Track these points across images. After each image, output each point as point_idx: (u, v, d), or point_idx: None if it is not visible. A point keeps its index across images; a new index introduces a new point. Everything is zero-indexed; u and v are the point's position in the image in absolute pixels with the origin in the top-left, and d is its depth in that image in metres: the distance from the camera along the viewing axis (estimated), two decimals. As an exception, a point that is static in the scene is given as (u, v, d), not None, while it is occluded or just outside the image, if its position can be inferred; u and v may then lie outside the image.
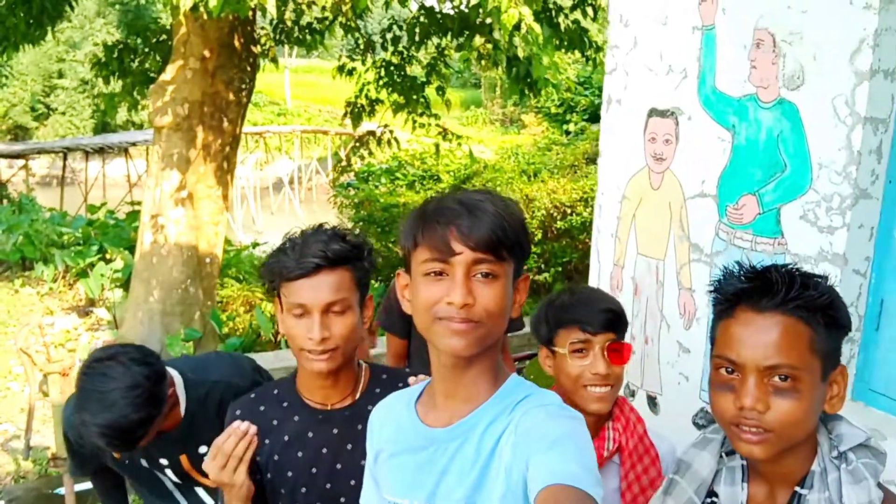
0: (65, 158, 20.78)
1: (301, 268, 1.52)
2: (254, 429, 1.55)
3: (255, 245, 11.43)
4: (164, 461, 2.09)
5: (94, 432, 1.73)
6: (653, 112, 2.74)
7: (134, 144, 20.17)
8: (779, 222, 2.27)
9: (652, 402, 2.80)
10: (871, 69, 2.01)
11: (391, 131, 8.60)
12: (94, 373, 1.78)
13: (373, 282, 9.11)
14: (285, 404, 1.65)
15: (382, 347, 5.11)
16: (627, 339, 1.82)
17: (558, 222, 8.83)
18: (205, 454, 2.00)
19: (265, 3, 5.05)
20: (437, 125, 8.41)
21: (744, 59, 2.35)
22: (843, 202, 2.09)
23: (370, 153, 9.11)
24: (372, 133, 8.64)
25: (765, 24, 2.27)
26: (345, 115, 8.72)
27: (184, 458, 2.06)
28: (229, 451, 1.52)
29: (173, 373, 1.99)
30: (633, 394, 2.87)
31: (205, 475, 1.64)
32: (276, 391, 1.69)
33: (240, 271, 9.14)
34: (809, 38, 2.15)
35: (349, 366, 1.64)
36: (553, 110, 20.03)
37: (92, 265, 9.07)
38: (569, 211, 8.98)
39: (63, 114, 30.92)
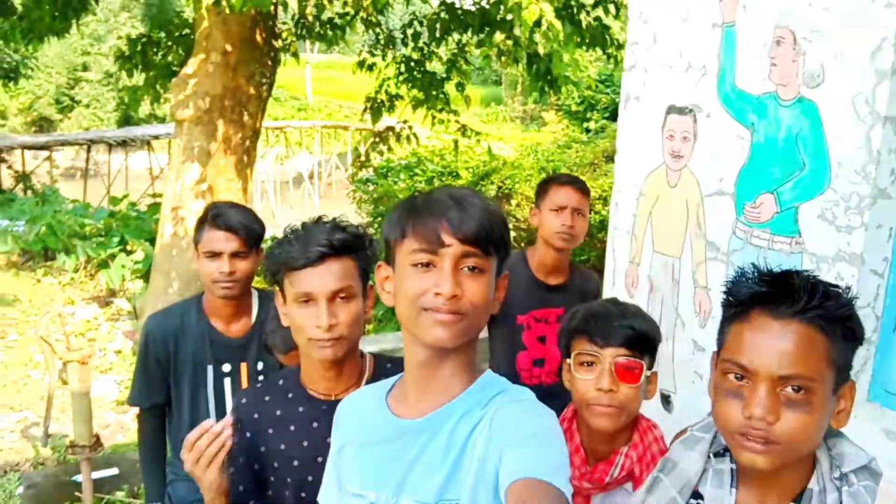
0: (88, 151, 21.00)
1: (307, 257, 1.54)
2: (228, 431, 1.51)
3: (274, 239, 11.50)
4: (226, 367, 2.35)
5: (233, 212, 2.31)
6: (671, 109, 2.72)
7: (156, 137, 20.34)
8: (796, 221, 2.25)
9: (666, 400, 2.79)
10: (892, 68, 1.99)
11: (410, 127, 8.61)
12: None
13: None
14: (290, 395, 1.67)
15: (384, 344, 5.12)
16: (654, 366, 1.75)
17: (576, 221, 8.79)
18: (262, 371, 2.19)
19: (286, -2, 5.08)
20: (457, 121, 8.40)
21: (764, 57, 2.33)
22: (861, 202, 2.07)
23: (389, 149, 9.12)
24: (391, 129, 8.66)
25: (785, 21, 2.25)
26: (364, 110, 8.74)
27: (244, 367, 2.30)
28: (202, 450, 1.50)
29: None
30: (646, 392, 2.86)
31: None
32: (280, 382, 1.72)
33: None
34: (830, 35, 2.13)
35: (353, 355, 1.66)
36: (574, 108, 19.93)
37: (113, 256, 9.18)
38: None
39: (87, 106, 31.27)
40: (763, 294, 1.14)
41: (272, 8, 6.72)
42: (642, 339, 1.67)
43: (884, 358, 2.16)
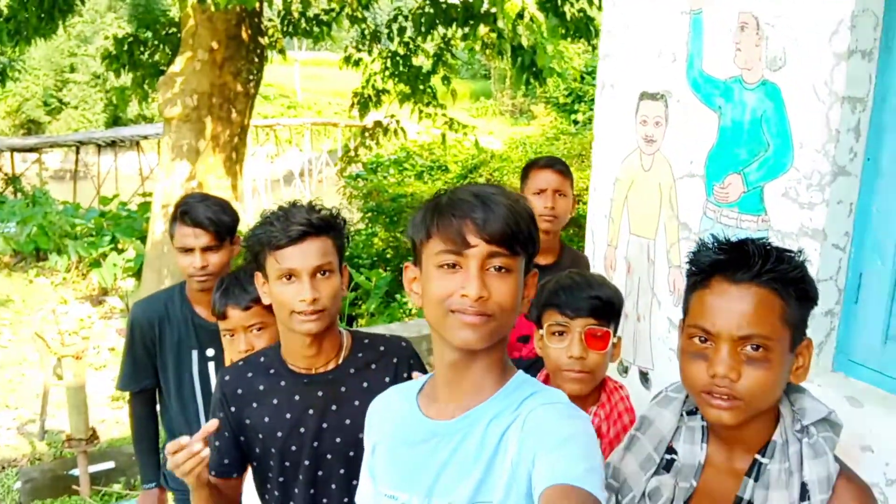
0: (77, 152, 20.99)
1: (289, 235, 1.62)
2: (206, 451, 1.53)
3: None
4: (210, 352, 2.41)
5: (202, 207, 2.33)
6: (644, 95, 2.81)
7: (145, 137, 20.33)
8: (762, 200, 2.34)
9: (644, 377, 2.88)
10: (848, 50, 2.08)
11: (398, 121, 8.68)
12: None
13: (380, 271, 9.19)
14: (272, 371, 1.76)
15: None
16: (621, 319, 1.86)
17: (564, 210, 8.87)
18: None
19: (271, -6, 5.14)
20: (444, 115, 8.48)
21: (729, 42, 2.42)
22: (822, 179, 2.16)
23: (377, 143, 9.19)
24: (379, 123, 8.73)
25: (749, 7, 2.34)
26: (352, 105, 8.81)
27: None
28: (178, 464, 1.51)
29: None
30: (626, 370, 2.96)
31: None
32: (262, 359, 1.80)
33: (250, 260, 9.24)
34: (791, 20, 2.21)
35: (332, 330, 1.75)
36: (562, 100, 20.03)
37: (104, 255, 9.23)
38: (576, 200, 9.04)
39: (75, 108, 31.17)
40: (721, 262, 1.23)
41: (257, 5, 6.77)
42: (608, 308, 1.77)
43: (846, 329, 2.26)
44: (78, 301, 8.76)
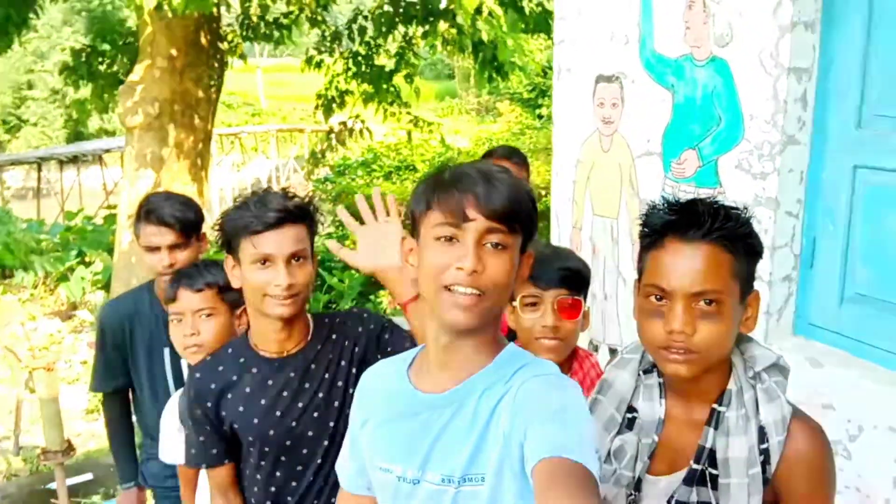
0: (39, 169, 20.65)
1: (266, 221, 1.64)
2: None
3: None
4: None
5: (166, 205, 2.33)
6: (599, 78, 2.86)
7: (108, 151, 20.07)
8: (717, 173, 2.40)
9: (614, 354, 2.93)
10: (791, 22, 2.15)
11: (363, 122, 8.69)
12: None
13: (352, 272, 9.19)
14: (242, 360, 1.78)
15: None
16: (589, 298, 1.92)
17: (533, 203, 8.95)
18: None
19: (228, -2, 5.13)
20: (408, 113, 8.50)
21: (679, 22, 2.48)
22: (772, 149, 2.23)
23: (344, 145, 9.19)
24: (344, 124, 8.73)
25: (695, -14, 2.40)
26: (316, 107, 8.79)
27: None
28: None
29: None
30: (596, 349, 3.01)
31: None
32: (230, 350, 1.82)
33: (220, 268, 9.19)
34: (735, -4, 2.28)
35: (302, 314, 1.78)
36: (525, 96, 20.12)
37: (72, 269, 9.11)
38: (543, 193, 9.13)
39: (35, 125, 30.63)
40: (673, 222, 1.27)
41: (215, 10, 6.74)
42: (578, 278, 1.83)
43: (804, 293, 2.33)
44: (47, 317, 8.64)
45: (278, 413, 1.73)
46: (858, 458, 2.09)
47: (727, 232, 1.24)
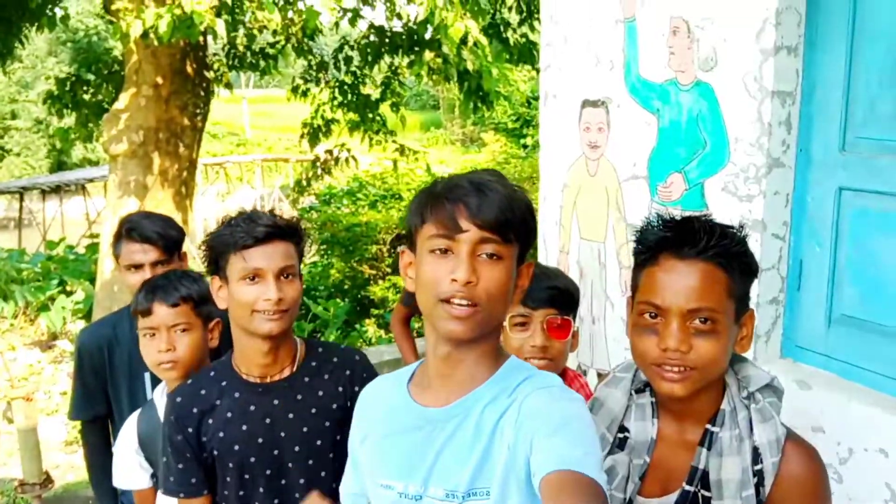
0: (21, 199, 20.51)
1: (255, 236, 1.63)
2: None
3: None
4: None
5: (148, 222, 2.34)
6: (585, 103, 2.88)
7: (91, 181, 19.99)
8: (703, 196, 2.41)
9: (602, 378, 2.91)
10: (774, 46, 2.17)
11: (349, 150, 8.70)
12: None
13: (337, 301, 9.13)
14: (224, 383, 1.74)
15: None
16: (577, 320, 1.91)
17: (517, 231, 8.97)
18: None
19: (214, 26, 5.15)
20: (394, 141, 8.53)
21: (663, 47, 2.51)
22: (758, 172, 2.24)
23: (329, 173, 9.19)
24: (330, 152, 8.74)
25: (679, 12, 2.43)
26: (302, 136, 8.80)
27: None
28: None
29: None
30: (584, 373, 2.99)
31: None
32: (212, 373, 1.78)
33: (203, 297, 9.11)
34: (719, 21, 2.31)
35: (289, 337, 1.75)
36: (510, 126, 20.36)
37: (53, 299, 9.00)
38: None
39: (18, 155, 30.53)
40: (668, 239, 1.27)
41: (201, 38, 6.77)
42: (567, 298, 1.82)
43: (791, 316, 2.33)
44: (26, 347, 8.51)
45: (260, 440, 1.70)
46: (849, 481, 2.07)
47: (722, 249, 1.24)
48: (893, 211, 2.04)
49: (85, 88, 8.38)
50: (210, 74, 7.50)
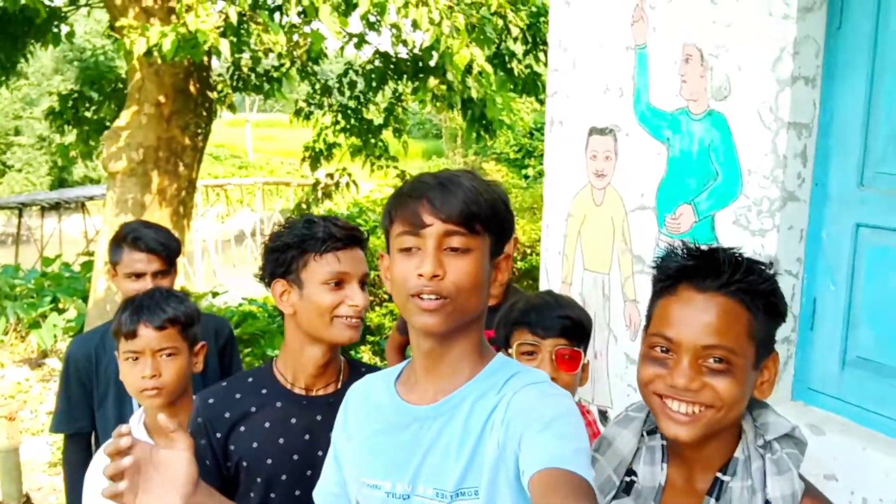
0: (20, 215, 20.45)
1: (343, 239, 1.58)
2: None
3: (214, 294, 11.30)
4: None
5: (151, 232, 2.36)
6: (593, 130, 2.81)
7: (91, 198, 19.94)
8: (713, 229, 2.33)
9: (603, 416, 2.81)
10: (791, 76, 2.10)
11: (350, 174, 8.66)
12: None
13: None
14: (264, 391, 1.64)
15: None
16: (588, 355, 1.82)
17: (518, 262, 8.92)
18: None
19: (218, 45, 5.12)
20: (395, 167, 8.49)
21: (675, 75, 2.44)
22: (771, 205, 2.16)
23: (329, 197, 9.13)
24: (331, 176, 8.69)
25: (692, 39, 2.37)
26: (303, 159, 8.76)
27: None
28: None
29: None
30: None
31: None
32: (250, 379, 1.68)
33: (198, 319, 9.00)
34: (734, 50, 2.25)
35: (338, 353, 1.68)
36: (512, 156, 20.40)
37: (44, 316, 8.88)
38: (528, 251, 9.09)
39: (19, 171, 30.55)
40: (689, 268, 1.18)
41: (205, 59, 6.74)
42: (579, 328, 1.74)
43: (804, 356, 2.23)
44: (15, 364, 8.37)
45: (295, 456, 1.59)
46: (864, 533, 1.97)
47: (747, 286, 1.15)
48: (913, 250, 1.96)
49: (87, 105, 8.34)
50: (213, 95, 7.47)
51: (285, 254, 1.61)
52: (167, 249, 2.34)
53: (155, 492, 1.07)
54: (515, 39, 8.36)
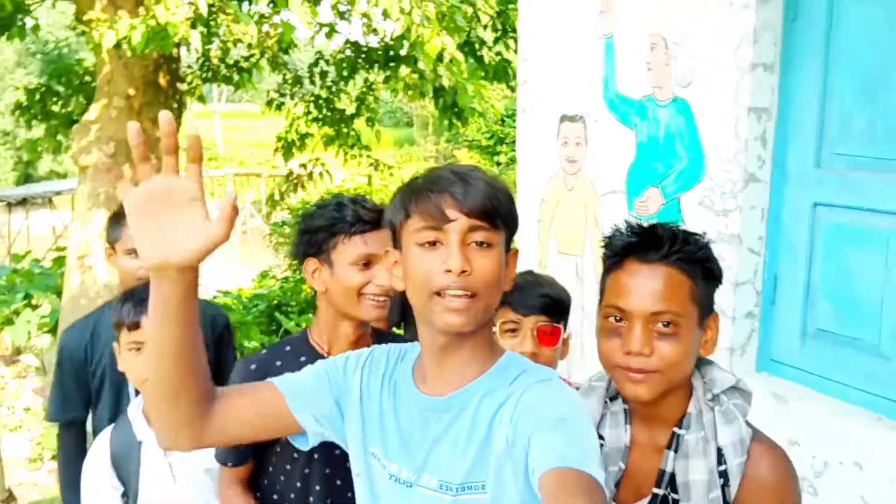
0: (-14, 211, 20.12)
1: (371, 220, 1.63)
2: None
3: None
4: None
5: None
6: (563, 118, 2.90)
7: (58, 193, 19.68)
8: (680, 210, 2.43)
9: (578, 394, 2.91)
10: (751, 63, 2.21)
11: (323, 164, 8.67)
12: None
13: (310, 316, 9.06)
14: (303, 359, 1.71)
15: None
16: (567, 330, 1.91)
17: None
18: None
19: (188, 38, 5.11)
20: (368, 156, 8.52)
21: (641, 63, 2.53)
22: (734, 187, 2.27)
23: (303, 188, 9.14)
24: (304, 166, 8.70)
25: (657, 28, 2.46)
26: (275, 150, 8.75)
27: None
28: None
29: None
30: (560, 388, 2.98)
31: None
32: (288, 348, 1.76)
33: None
34: (697, 38, 2.34)
35: (368, 326, 1.76)
36: (484, 143, 20.46)
37: (17, 312, 8.79)
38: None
39: (-17, 166, 29.98)
40: (633, 244, 1.29)
41: (175, 50, 6.71)
42: (558, 305, 1.82)
43: (767, 330, 2.35)
44: (-11, 362, 8.30)
45: None
46: (824, 494, 2.09)
47: (685, 255, 1.26)
48: (867, 226, 2.08)
49: (55, 100, 8.25)
50: (183, 87, 7.44)
51: (316, 235, 1.68)
52: None
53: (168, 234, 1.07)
54: (485, 27, 8.42)
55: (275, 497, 1.77)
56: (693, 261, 1.27)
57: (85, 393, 2.38)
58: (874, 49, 2.03)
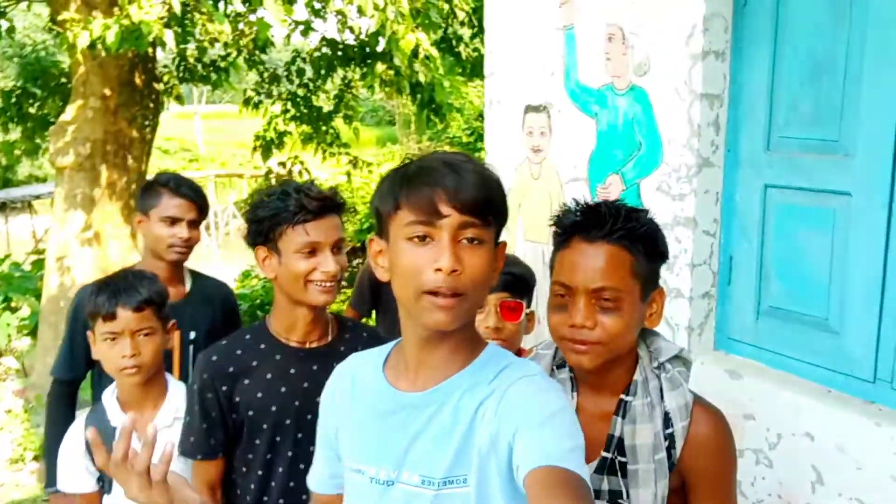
0: (-36, 216, 19.94)
1: (314, 210, 1.68)
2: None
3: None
4: (193, 334, 2.39)
5: (190, 182, 2.44)
6: (528, 108, 2.97)
7: (38, 197, 19.54)
8: (639, 195, 2.50)
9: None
10: (703, 51, 2.28)
11: (302, 162, 8.70)
12: None
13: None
14: (263, 346, 1.78)
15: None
16: (533, 304, 1.99)
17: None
18: (193, 339, 2.34)
19: (163, 37, 5.13)
20: (347, 153, 8.56)
21: (600, 53, 2.60)
22: (689, 171, 2.34)
23: (282, 186, 9.14)
24: (283, 164, 8.72)
25: (614, 19, 2.53)
26: (254, 149, 8.76)
27: (176, 335, 2.29)
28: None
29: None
30: (530, 373, 3.05)
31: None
32: (247, 336, 1.82)
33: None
34: (651, 28, 2.41)
35: (324, 310, 1.82)
36: (464, 139, 20.48)
37: (-3, 316, 8.76)
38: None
39: (-39, 171, 29.68)
40: (579, 223, 1.36)
41: (150, 50, 6.72)
42: (520, 282, 1.91)
43: (723, 309, 2.42)
44: (-31, 366, 8.27)
45: (297, 403, 1.75)
46: (779, 465, 2.16)
47: (627, 232, 1.32)
48: (816, 206, 2.16)
49: (31, 101, 8.23)
50: (160, 86, 7.45)
51: (262, 224, 1.73)
52: (203, 201, 2.44)
53: None
54: (462, 23, 8.49)
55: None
56: (635, 238, 1.33)
57: (89, 356, 2.38)
58: (819, 35, 2.11)
